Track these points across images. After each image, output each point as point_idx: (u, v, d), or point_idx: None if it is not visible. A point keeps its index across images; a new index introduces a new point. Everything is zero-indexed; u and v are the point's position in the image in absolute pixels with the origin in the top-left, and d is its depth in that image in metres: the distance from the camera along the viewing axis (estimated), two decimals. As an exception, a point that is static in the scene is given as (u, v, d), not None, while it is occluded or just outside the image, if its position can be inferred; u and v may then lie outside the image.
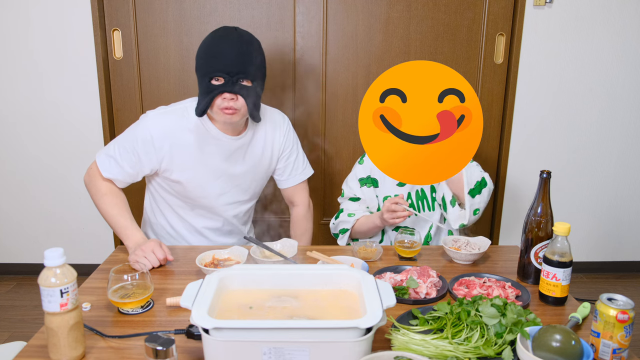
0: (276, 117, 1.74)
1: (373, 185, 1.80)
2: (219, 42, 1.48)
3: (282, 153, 1.74)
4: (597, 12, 2.42)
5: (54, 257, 0.94)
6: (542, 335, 0.96)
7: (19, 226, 2.68)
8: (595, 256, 2.83)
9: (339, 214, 1.82)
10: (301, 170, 1.81)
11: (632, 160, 2.66)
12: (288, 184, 1.81)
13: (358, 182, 1.82)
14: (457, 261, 1.47)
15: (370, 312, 0.90)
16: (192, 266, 1.40)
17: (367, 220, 1.74)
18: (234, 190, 1.69)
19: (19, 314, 2.42)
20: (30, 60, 2.43)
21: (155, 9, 2.37)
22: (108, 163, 1.54)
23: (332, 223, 1.84)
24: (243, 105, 1.50)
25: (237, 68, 1.45)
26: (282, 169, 1.77)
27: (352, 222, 1.77)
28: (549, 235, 1.31)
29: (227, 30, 1.51)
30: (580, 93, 2.54)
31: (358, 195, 1.82)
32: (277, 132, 1.71)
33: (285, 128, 1.74)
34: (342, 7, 2.37)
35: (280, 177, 1.80)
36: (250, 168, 1.68)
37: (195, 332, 0.98)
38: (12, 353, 1.13)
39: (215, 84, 1.47)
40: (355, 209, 1.80)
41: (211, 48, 1.49)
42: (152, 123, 1.55)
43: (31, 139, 2.55)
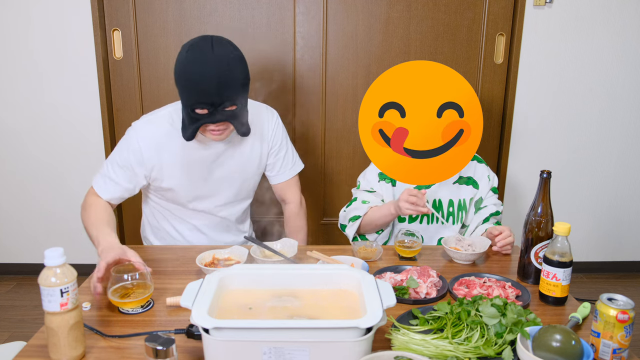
0: (263, 112, 1.70)
1: (391, 182, 1.75)
2: (196, 69, 1.37)
3: (272, 149, 1.71)
4: (597, 12, 2.42)
5: (54, 256, 0.94)
6: (542, 335, 0.95)
7: (19, 226, 2.68)
8: (595, 256, 2.83)
9: (352, 202, 1.76)
10: (291, 166, 1.77)
11: (632, 160, 2.66)
12: (278, 180, 1.78)
13: (377, 175, 1.76)
14: (457, 261, 1.47)
15: (371, 312, 0.90)
16: (192, 266, 1.40)
17: (381, 208, 1.68)
18: (225, 192, 1.67)
19: (19, 314, 2.42)
20: (30, 60, 2.43)
21: (155, 9, 2.37)
22: (104, 184, 1.52)
23: (342, 211, 1.77)
24: (230, 126, 1.49)
25: (220, 98, 1.39)
26: (272, 164, 1.74)
27: (365, 209, 1.69)
28: (549, 235, 1.31)
29: (202, 50, 1.38)
30: (580, 93, 2.54)
31: (375, 189, 1.76)
32: (265, 128, 1.68)
33: (274, 123, 1.70)
34: (342, 7, 2.37)
35: (270, 173, 1.77)
36: (239, 167, 1.66)
37: (195, 331, 0.98)
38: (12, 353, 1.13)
39: (200, 112, 1.41)
40: (370, 198, 1.74)
41: (188, 75, 1.39)
42: (139, 134, 1.53)
43: (31, 139, 2.54)
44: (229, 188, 1.68)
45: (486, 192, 1.74)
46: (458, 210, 1.72)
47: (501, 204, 1.75)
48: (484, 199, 1.73)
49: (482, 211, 1.71)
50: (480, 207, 1.73)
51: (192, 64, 1.38)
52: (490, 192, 1.74)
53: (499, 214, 1.72)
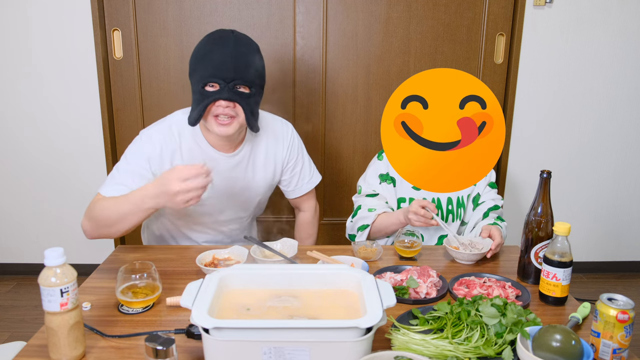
0: (278, 127, 1.63)
1: (392, 183, 1.74)
2: (213, 46, 1.39)
3: (287, 165, 1.65)
4: (597, 12, 2.42)
5: (54, 256, 0.94)
6: (542, 335, 0.95)
7: (19, 226, 2.68)
8: (595, 256, 2.83)
9: (357, 211, 1.72)
10: (308, 180, 1.72)
11: (632, 160, 2.66)
12: (295, 195, 1.73)
13: (378, 177, 1.74)
14: (459, 261, 1.47)
15: (371, 312, 0.90)
16: (192, 266, 1.40)
17: (390, 216, 1.66)
18: (234, 208, 1.62)
19: (19, 314, 2.42)
20: (30, 61, 2.43)
21: (155, 9, 2.37)
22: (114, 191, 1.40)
23: (349, 222, 1.75)
24: (240, 112, 1.41)
25: (233, 73, 1.36)
26: (288, 180, 1.68)
27: (373, 217, 1.67)
28: (549, 235, 1.31)
29: (222, 33, 1.42)
30: (580, 93, 2.54)
31: (377, 191, 1.75)
32: (279, 144, 1.61)
33: (289, 138, 1.63)
34: (342, 7, 2.37)
35: (286, 188, 1.72)
36: (249, 184, 1.59)
37: (195, 331, 0.98)
38: (12, 353, 1.13)
39: (210, 90, 1.38)
40: (375, 204, 1.72)
41: (205, 52, 1.39)
42: (146, 146, 1.47)
43: (31, 138, 2.54)
44: (238, 205, 1.62)
45: (483, 188, 1.73)
46: (457, 207, 1.72)
47: (501, 199, 1.74)
48: (481, 195, 1.73)
49: (481, 207, 1.71)
50: (478, 203, 1.72)
51: (211, 42, 1.41)
52: (488, 187, 1.74)
53: (498, 208, 1.71)
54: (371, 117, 2.51)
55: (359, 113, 2.51)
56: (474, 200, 1.73)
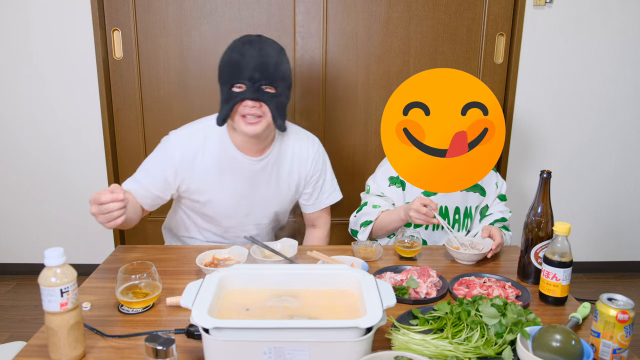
0: (303, 139, 1.65)
1: (402, 187, 1.72)
2: (240, 49, 1.43)
3: (310, 178, 1.67)
4: (597, 12, 2.42)
5: (54, 256, 0.94)
6: (542, 335, 0.95)
7: (19, 226, 2.68)
8: (595, 256, 2.83)
9: (362, 207, 1.72)
10: (328, 195, 1.71)
11: (632, 160, 2.66)
12: (312, 209, 1.73)
13: (388, 180, 1.73)
14: (459, 261, 1.47)
15: (371, 312, 0.90)
16: (192, 266, 1.40)
17: (391, 213, 1.66)
18: (256, 213, 1.64)
19: (19, 314, 2.42)
20: (30, 61, 2.43)
21: (155, 9, 2.37)
22: (135, 188, 1.49)
23: (352, 217, 1.74)
24: (267, 112, 1.44)
25: (258, 74, 1.40)
26: (310, 193, 1.69)
27: (376, 213, 1.67)
28: (549, 235, 1.31)
29: (249, 37, 1.47)
30: (580, 93, 2.54)
31: (385, 193, 1.74)
32: (304, 158, 1.64)
33: (314, 152, 1.65)
34: (342, 7, 2.37)
35: (305, 202, 1.72)
36: (275, 192, 1.62)
37: (195, 331, 0.98)
38: (12, 353, 1.13)
39: (237, 91, 1.42)
40: (381, 202, 1.71)
41: (232, 55, 1.44)
42: (175, 146, 1.51)
43: (31, 138, 2.54)
44: (260, 211, 1.64)
45: (492, 200, 1.73)
46: (464, 217, 1.72)
47: (509, 211, 1.73)
48: (489, 207, 1.73)
49: (487, 218, 1.71)
50: (486, 215, 1.72)
51: (238, 45, 1.45)
52: (497, 199, 1.74)
53: (505, 220, 1.70)
54: (371, 117, 2.51)
55: (359, 113, 2.51)
56: (482, 212, 1.73)
